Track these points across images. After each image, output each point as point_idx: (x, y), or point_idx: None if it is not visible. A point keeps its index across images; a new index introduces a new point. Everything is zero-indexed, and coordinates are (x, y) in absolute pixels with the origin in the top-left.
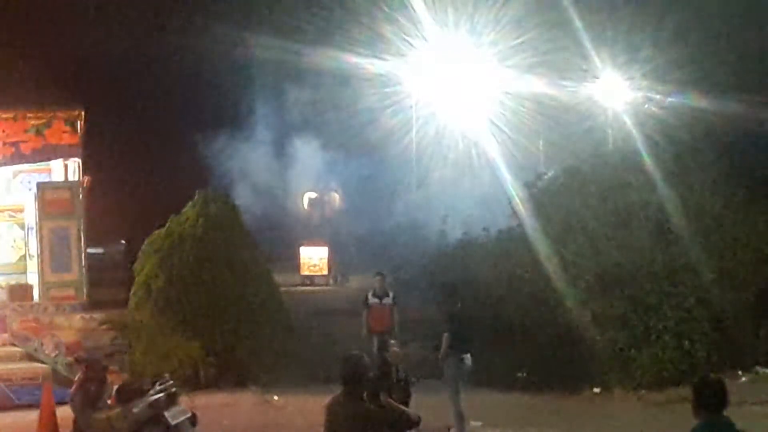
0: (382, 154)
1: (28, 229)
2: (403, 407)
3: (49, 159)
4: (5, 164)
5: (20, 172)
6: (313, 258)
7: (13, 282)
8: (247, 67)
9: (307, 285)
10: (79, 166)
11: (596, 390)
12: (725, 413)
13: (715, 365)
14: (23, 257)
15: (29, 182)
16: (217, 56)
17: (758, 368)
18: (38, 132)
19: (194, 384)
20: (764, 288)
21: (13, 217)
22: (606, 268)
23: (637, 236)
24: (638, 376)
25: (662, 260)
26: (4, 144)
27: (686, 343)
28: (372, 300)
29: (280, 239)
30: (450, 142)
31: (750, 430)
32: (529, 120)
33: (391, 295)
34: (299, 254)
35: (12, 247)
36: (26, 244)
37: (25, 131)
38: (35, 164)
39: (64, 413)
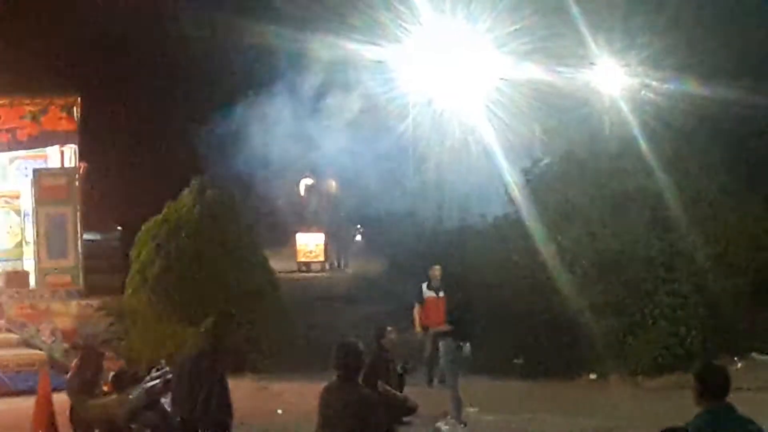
0: (379, 141)
1: (24, 215)
2: (399, 394)
3: (45, 145)
4: (1, 151)
5: (16, 158)
6: (310, 244)
7: (9, 268)
8: (243, 54)
9: (303, 272)
10: (75, 153)
11: (592, 376)
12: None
13: (711, 351)
14: (19, 243)
15: (25, 168)
16: (213, 43)
17: (754, 354)
18: (34, 118)
19: None
20: (760, 274)
21: (9, 203)
22: (602, 254)
23: (633, 223)
24: (634, 362)
25: (658, 247)
26: (0, 131)
27: (682, 329)
28: (427, 293)
29: (276, 226)
30: (446, 128)
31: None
32: (525, 106)
33: None
34: (295, 241)
35: (8, 233)
36: (22, 231)
37: (21, 118)
38: (31, 151)
39: (61, 400)
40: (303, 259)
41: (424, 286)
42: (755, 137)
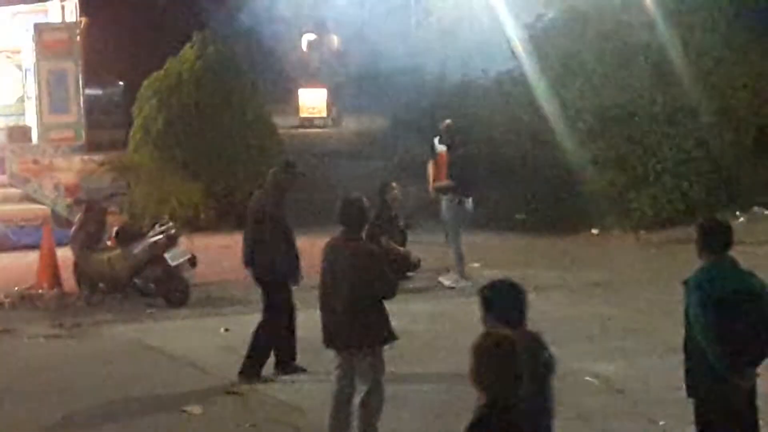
0: None
1: (25, 70)
2: (403, 249)
3: None
4: (2, 5)
5: (18, 13)
6: (312, 100)
7: (11, 123)
8: None
9: (305, 127)
10: (76, 7)
11: (595, 231)
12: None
13: (714, 206)
14: (21, 99)
15: (27, 23)
16: None
17: (756, 208)
18: None
19: (194, 226)
20: (763, 129)
21: (11, 58)
22: (606, 109)
23: (637, 77)
24: (637, 216)
25: (662, 101)
26: None
27: (685, 184)
28: (440, 147)
29: (279, 81)
30: None
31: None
32: None
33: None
34: (298, 96)
35: (10, 88)
36: (24, 86)
37: None
38: (32, 5)
39: (64, 254)
40: (305, 115)
41: (436, 140)
42: None
